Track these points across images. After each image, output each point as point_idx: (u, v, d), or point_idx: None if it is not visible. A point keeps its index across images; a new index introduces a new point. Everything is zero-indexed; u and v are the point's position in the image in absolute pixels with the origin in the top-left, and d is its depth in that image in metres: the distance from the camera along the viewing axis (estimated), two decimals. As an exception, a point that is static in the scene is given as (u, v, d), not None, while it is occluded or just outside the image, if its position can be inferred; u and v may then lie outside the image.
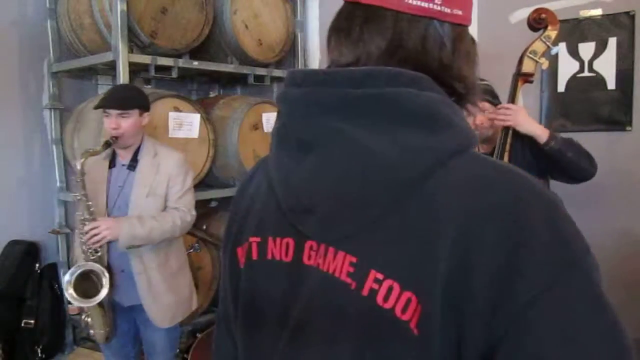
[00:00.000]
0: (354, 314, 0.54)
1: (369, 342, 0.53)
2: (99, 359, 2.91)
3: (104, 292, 1.96)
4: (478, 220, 0.49)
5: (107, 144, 2.00)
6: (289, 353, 0.61)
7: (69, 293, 1.93)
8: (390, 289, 0.51)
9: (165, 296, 2.13)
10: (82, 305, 1.98)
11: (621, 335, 0.49)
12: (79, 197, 1.98)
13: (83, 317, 2.07)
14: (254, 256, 0.67)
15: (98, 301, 1.96)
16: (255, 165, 0.75)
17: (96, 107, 2.04)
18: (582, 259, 0.49)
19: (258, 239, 0.66)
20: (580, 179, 1.98)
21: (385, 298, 0.52)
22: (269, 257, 0.65)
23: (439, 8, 0.59)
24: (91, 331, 2.09)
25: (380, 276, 0.52)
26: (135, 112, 2.04)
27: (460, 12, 0.61)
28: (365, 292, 0.53)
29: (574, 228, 0.51)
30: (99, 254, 2.00)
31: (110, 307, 2.09)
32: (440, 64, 0.59)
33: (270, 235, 0.65)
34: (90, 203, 1.98)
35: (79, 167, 1.96)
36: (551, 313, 0.47)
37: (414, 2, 0.58)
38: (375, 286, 0.52)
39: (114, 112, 2.00)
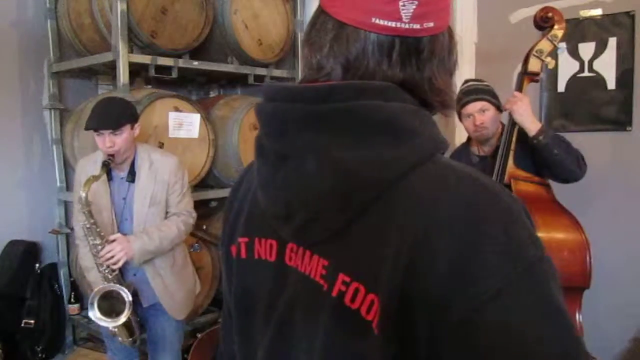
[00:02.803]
0: (325, 313, 0.58)
1: (338, 339, 0.57)
2: (99, 359, 2.91)
3: (126, 312, 2.01)
4: (434, 226, 0.51)
5: (106, 165, 1.98)
6: (271, 348, 0.66)
7: (96, 317, 1.98)
8: (356, 291, 0.55)
9: (178, 292, 2.23)
10: (109, 325, 2.03)
11: (572, 345, 0.49)
12: (88, 226, 2.00)
13: (110, 328, 2.11)
14: (243, 255, 0.72)
15: (123, 320, 2.02)
16: (245, 169, 0.79)
17: (87, 129, 2.01)
18: (535, 265, 0.50)
19: (246, 239, 0.71)
20: (565, 179, 1.98)
21: (352, 299, 0.55)
22: (256, 256, 0.69)
23: (407, 26, 0.58)
24: (119, 339, 2.15)
25: (347, 279, 0.56)
26: (127, 127, 2.02)
27: (431, 24, 0.60)
28: (334, 293, 0.57)
29: (530, 234, 0.52)
30: (116, 273, 2.06)
31: (134, 316, 2.15)
32: (410, 78, 0.60)
33: (257, 236, 0.70)
34: (99, 229, 2.01)
35: (84, 196, 1.94)
36: (498, 318, 0.48)
37: (381, 22, 0.58)
38: (343, 288, 0.56)
39: (106, 131, 1.97)
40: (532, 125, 1.94)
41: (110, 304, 2.02)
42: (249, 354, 0.72)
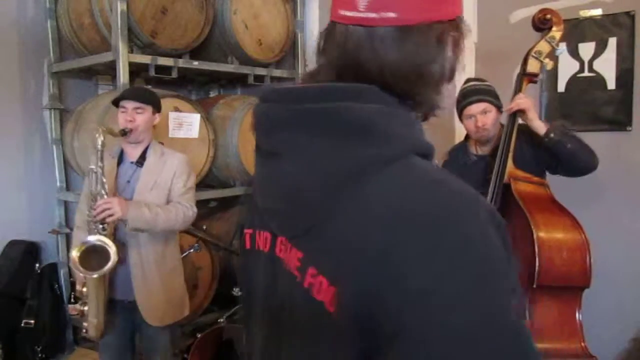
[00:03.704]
0: (299, 305, 0.62)
1: (308, 330, 0.61)
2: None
3: (113, 260, 1.95)
4: (389, 226, 0.53)
5: (124, 132, 2.07)
6: (265, 342, 0.71)
7: (75, 265, 1.93)
8: (321, 284, 0.58)
9: (157, 293, 2.16)
10: (87, 274, 1.96)
11: (510, 344, 0.49)
12: (95, 170, 2.01)
13: (78, 305, 2.07)
14: (247, 245, 0.75)
15: (106, 271, 1.96)
16: None
17: (115, 101, 2.12)
18: (477, 267, 0.50)
19: (250, 231, 0.75)
20: (581, 171, 1.99)
21: (318, 291, 0.58)
22: (257, 247, 0.73)
23: (363, 15, 0.59)
24: (84, 324, 2.08)
25: (314, 272, 0.58)
26: (150, 108, 2.14)
27: (392, 15, 0.58)
28: (306, 284, 0.59)
29: (481, 237, 0.52)
30: (106, 232, 2.02)
31: (107, 296, 2.09)
32: (380, 73, 0.60)
33: (257, 228, 0.73)
34: (105, 179, 2.02)
35: (100, 140, 2.00)
36: (427, 318, 0.49)
37: (343, 13, 0.60)
38: (312, 280, 0.59)
39: (130, 105, 2.08)
40: (541, 123, 1.96)
41: (92, 264, 1.96)
42: (252, 347, 0.75)
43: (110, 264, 1.95)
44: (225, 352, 2.67)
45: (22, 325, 2.98)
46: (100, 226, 1.99)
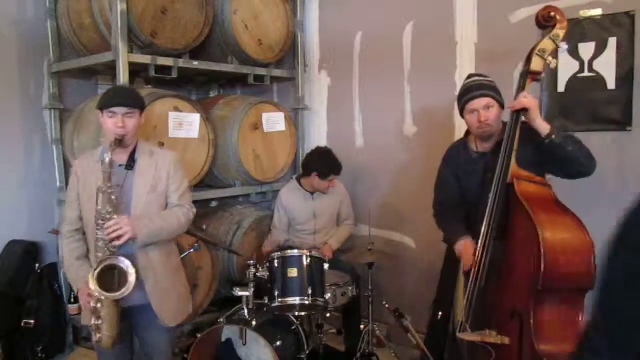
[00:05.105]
0: None
1: None
2: (99, 359, 2.90)
3: (131, 284, 1.94)
4: None
5: (120, 141, 2.02)
6: None
7: (94, 288, 1.92)
8: None
9: (170, 293, 2.17)
10: (110, 297, 1.95)
11: None
12: (104, 190, 1.98)
13: (93, 321, 2.04)
14: None
15: (127, 293, 1.95)
16: None
17: (104, 107, 2.04)
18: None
19: None
20: (579, 174, 1.99)
21: None
22: None
23: None
24: (98, 335, 2.03)
25: None
26: (138, 112, 2.09)
27: None
28: None
29: None
30: (115, 250, 2.00)
31: (121, 309, 2.08)
32: None
33: None
34: (114, 197, 1.99)
35: (108, 158, 1.97)
36: None
37: None
38: None
39: (121, 111, 2.03)
40: (544, 124, 1.95)
41: (107, 280, 1.95)
42: None
43: (131, 284, 1.95)
44: (225, 352, 2.66)
45: (22, 325, 2.98)
46: (111, 245, 1.98)
